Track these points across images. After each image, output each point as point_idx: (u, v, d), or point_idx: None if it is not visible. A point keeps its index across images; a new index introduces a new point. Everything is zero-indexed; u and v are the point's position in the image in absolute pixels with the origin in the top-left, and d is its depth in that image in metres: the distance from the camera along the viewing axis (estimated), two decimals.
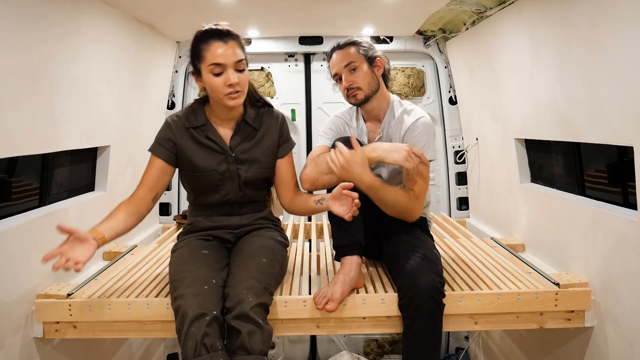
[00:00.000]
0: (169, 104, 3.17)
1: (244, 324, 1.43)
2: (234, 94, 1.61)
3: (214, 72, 1.59)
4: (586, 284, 1.76)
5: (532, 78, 2.11)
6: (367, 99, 1.85)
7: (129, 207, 1.67)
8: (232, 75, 1.59)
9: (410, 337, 1.58)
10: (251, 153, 1.74)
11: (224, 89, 1.60)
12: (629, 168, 1.59)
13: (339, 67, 1.84)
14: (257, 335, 1.43)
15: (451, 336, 3.20)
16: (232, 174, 1.72)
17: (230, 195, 1.74)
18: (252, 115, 1.76)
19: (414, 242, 1.78)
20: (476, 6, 2.46)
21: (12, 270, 1.63)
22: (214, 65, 1.59)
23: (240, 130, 1.73)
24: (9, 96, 1.59)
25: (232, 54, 1.59)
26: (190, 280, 1.52)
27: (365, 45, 1.86)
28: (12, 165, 1.81)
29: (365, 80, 1.83)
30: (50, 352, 1.79)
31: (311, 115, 3.32)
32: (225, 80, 1.59)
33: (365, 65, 1.84)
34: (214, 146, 1.71)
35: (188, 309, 1.43)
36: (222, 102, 1.64)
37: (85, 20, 2.01)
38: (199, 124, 1.71)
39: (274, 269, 1.65)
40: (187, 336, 1.41)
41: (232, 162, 1.72)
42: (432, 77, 3.29)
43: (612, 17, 1.52)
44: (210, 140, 1.71)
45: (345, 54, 1.84)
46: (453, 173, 3.25)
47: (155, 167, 1.71)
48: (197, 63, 1.63)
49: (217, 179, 1.71)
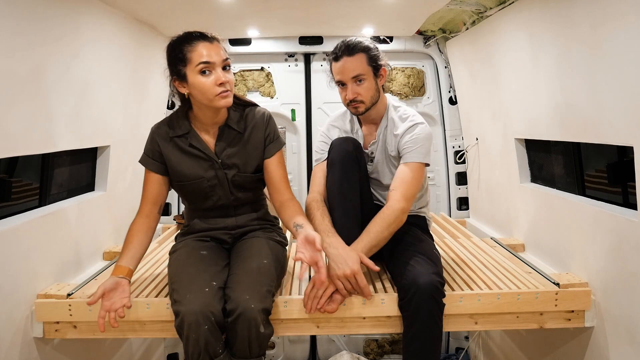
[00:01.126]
0: (169, 104, 3.17)
1: (245, 328, 1.44)
2: (225, 93, 1.58)
3: (203, 70, 1.56)
4: (586, 284, 1.76)
5: (532, 78, 2.11)
6: (367, 110, 1.83)
7: (141, 228, 1.68)
8: (222, 74, 1.57)
9: (410, 337, 1.58)
10: (238, 157, 1.71)
11: (215, 89, 1.56)
12: (629, 168, 1.59)
13: (345, 76, 1.77)
14: (257, 340, 1.45)
15: (451, 336, 3.20)
16: (221, 180, 1.70)
17: (223, 200, 1.74)
18: (235, 118, 1.72)
19: (414, 242, 1.78)
20: (476, 6, 2.46)
21: (12, 270, 1.63)
22: (203, 64, 1.55)
23: (224, 136, 1.70)
24: (9, 96, 1.59)
25: (219, 53, 1.58)
26: (190, 282, 1.52)
27: (374, 52, 1.79)
28: (12, 165, 1.81)
29: (369, 93, 1.80)
30: (50, 352, 1.79)
31: (311, 115, 3.31)
32: (216, 80, 1.56)
33: (372, 77, 1.79)
34: (199, 154, 1.68)
35: (188, 314, 1.43)
36: (212, 103, 1.59)
37: (85, 20, 2.01)
38: (182, 132, 1.68)
39: (276, 270, 1.64)
40: (189, 341, 1.44)
41: (219, 167, 1.69)
42: (432, 77, 3.29)
43: (612, 17, 1.52)
44: (194, 148, 1.68)
45: (354, 65, 1.76)
46: (453, 173, 3.25)
47: (152, 181, 1.73)
48: (181, 67, 1.58)
49: (207, 186, 1.70)
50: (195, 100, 1.64)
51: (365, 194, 1.86)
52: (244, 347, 1.44)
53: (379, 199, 1.93)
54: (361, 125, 1.93)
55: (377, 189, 1.93)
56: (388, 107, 1.89)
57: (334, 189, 1.77)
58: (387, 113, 1.88)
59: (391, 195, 1.74)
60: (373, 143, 1.89)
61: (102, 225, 2.30)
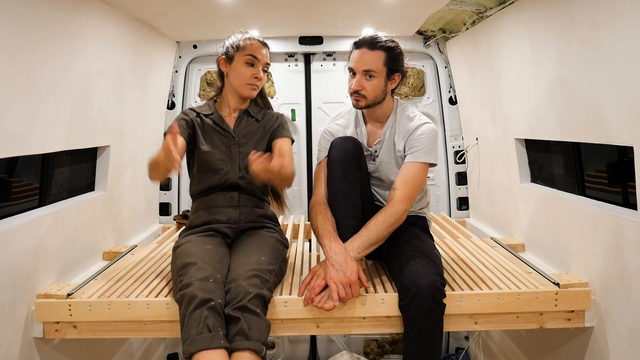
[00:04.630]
0: (169, 104, 3.17)
1: (242, 313, 1.46)
2: (254, 86, 1.87)
3: (248, 62, 1.84)
4: (586, 284, 1.77)
5: (532, 78, 2.11)
6: (366, 107, 1.84)
7: None
8: (260, 71, 1.86)
9: (411, 337, 1.58)
10: (251, 137, 1.91)
11: (249, 79, 1.85)
12: (629, 168, 1.59)
13: (358, 66, 1.79)
14: (255, 323, 1.46)
15: (451, 336, 3.19)
16: (234, 155, 1.87)
17: (229, 175, 1.85)
18: (255, 109, 1.97)
19: (414, 242, 1.78)
20: (476, 6, 2.46)
21: (12, 270, 1.63)
22: (251, 56, 1.84)
23: (243, 119, 1.93)
24: (9, 96, 1.59)
25: (267, 56, 1.89)
26: (197, 271, 1.55)
27: (395, 55, 1.80)
28: (12, 165, 1.81)
29: (374, 92, 1.80)
30: (50, 352, 1.79)
31: (311, 115, 3.31)
32: (254, 73, 1.85)
33: (383, 77, 1.80)
34: (219, 130, 1.90)
35: (195, 293, 1.46)
36: (240, 89, 1.87)
37: (85, 20, 2.01)
38: (208, 113, 1.93)
39: (274, 266, 1.68)
40: (191, 317, 1.43)
41: (234, 144, 1.88)
42: (432, 77, 3.29)
43: (612, 17, 1.52)
44: (216, 124, 1.91)
45: (370, 59, 1.77)
46: (453, 173, 3.25)
47: None
48: (232, 51, 1.86)
49: (218, 158, 1.86)
50: (229, 83, 1.91)
51: (366, 194, 1.86)
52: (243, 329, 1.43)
53: (380, 199, 1.93)
54: (366, 123, 1.93)
55: (378, 189, 1.93)
56: (396, 107, 1.90)
57: (334, 189, 1.78)
58: (394, 113, 1.89)
59: (394, 195, 1.74)
60: (378, 142, 1.89)
61: (102, 225, 2.30)
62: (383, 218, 1.70)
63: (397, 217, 1.71)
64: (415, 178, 1.77)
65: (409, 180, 1.76)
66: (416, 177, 1.77)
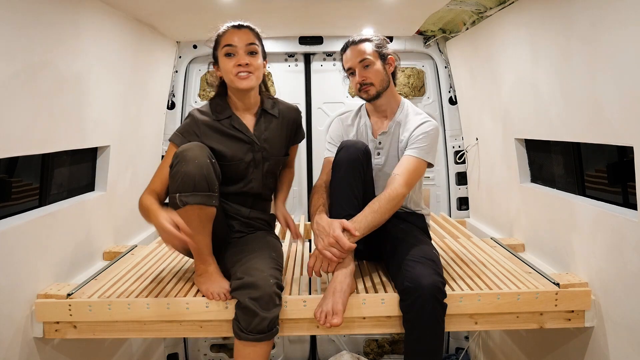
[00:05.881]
0: (169, 104, 3.17)
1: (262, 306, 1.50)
2: (243, 75, 1.69)
3: (227, 52, 1.70)
4: (586, 284, 1.77)
5: (532, 78, 2.11)
6: (378, 95, 1.88)
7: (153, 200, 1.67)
8: (242, 57, 1.69)
9: (413, 338, 1.57)
10: (272, 140, 1.82)
11: (234, 69, 1.69)
12: (629, 168, 1.59)
13: (353, 62, 1.87)
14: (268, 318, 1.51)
15: (451, 336, 3.19)
16: (258, 162, 1.79)
17: (253, 184, 1.80)
18: (269, 104, 1.84)
19: (414, 242, 1.78)
20: (476, 6, 2.46)
21: (12, 270, 1.63)
22: (227, 46, 1.69)
23: (261, 119, 1.81)
24: (9, 96, 1.59)
25: (244, 38, 1.70)
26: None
27: (379, 42, 1.90)
28: (12, 165, 1.81)
29: (378, 77, 1.86)
30: (50, 352, 1.79)
31: (311, 115, 3.31)
32: (236, 61, 1.69)
33: (379, 62, 1.88)
34: (241, 136, 1.77)
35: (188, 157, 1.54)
36: (232, 84, 1.71)
37: (85, 20, 2.01)
38: (225, 116, 1.77)
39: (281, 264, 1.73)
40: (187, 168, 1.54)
41: (257, 150, 1.78)
42: (432, 77, 3.29)
43: (612, 17, 1.52)
44: (236, 130, 1.77)
45: (360, 50, 1.87)
46: (453, 173, 3.25)
47: None
48: (215, 52, 1.76)
49: (244, 168, 1.77)
50: (226, 83, 1.77)
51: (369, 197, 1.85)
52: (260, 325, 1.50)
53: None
54: (370, 117, 1.97)
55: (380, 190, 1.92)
56: (404, 104, 1.94)
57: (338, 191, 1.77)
58: (401, 108, 1.93)
59: (395, 179, 1.76)
60: (383, 133, 1.91)
61: (102, 225, 2.30)
62: (387, 200, 1.71)
63: (398, 200, 1.73)
64: (414, 170, 1.79)
65: (410, 170, 1.78)
66: (416, 170, 1.79)
